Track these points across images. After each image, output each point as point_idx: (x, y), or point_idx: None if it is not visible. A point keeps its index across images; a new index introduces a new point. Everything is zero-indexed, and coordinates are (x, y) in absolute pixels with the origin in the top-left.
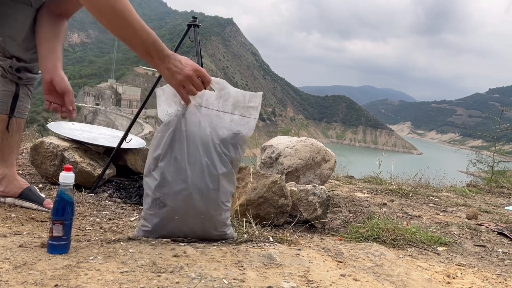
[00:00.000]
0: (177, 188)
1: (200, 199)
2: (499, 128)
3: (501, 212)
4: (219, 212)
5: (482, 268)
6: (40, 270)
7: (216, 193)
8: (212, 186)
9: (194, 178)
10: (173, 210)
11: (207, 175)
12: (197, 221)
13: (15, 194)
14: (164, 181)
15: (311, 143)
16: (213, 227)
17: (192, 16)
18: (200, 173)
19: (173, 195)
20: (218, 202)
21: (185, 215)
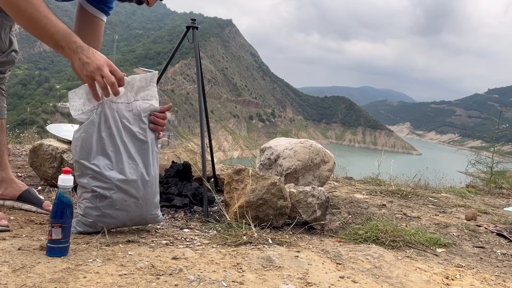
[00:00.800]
0: (116, 181)
1: (139, 187)
2: (498, 129)
3: (500, 213)
4: (154, 195)
5: (481, 269)
6: (39, 273)
7: (152, 179)
8: (148, 175)
9: (129, 169)
10: (113, 201)
11: (141, 165)
12: (135, 207)
13: (14, 197)
14: (101, 176)
15: (310, 144)
16: (148, 211)
17: (191, 18)
18: (134, 164)
19: (114, 187)
20: (154, 186)
21: (124, 204)
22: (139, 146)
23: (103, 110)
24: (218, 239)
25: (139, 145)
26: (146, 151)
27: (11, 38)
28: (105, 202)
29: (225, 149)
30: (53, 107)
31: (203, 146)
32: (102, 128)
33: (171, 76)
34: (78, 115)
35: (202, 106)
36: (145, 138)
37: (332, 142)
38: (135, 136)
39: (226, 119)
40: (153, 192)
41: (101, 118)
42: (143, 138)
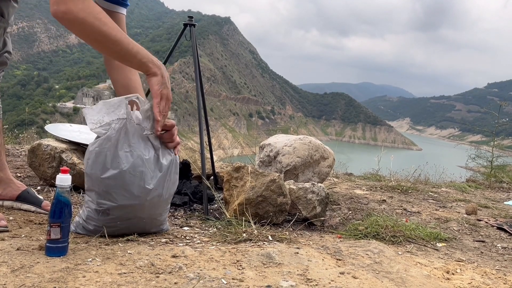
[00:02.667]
0: (123, 202)
1: (146, 208)
2: (498, 123)
3: (501, 207)
4: (160, 215)
5: (481, 263)
6: (38, 273)
7: (164, 201)
8: (160, 197)
9: (140, 192)
10: (116, 219)
11: (154, 187)
12: (139, 224)
13: (13, 197)
14: (108, 195)
15: (310, 141)
16: (152, 226)
17: (188, 15)
18: (146, 186)
19: (119, 208)
20: (163, 208)
21: (128, 222)
22: (157, 168)
23: (124, 127)
24: (218, 236)
25: (157, 167)
26: (164, 175)
27: (6, 39)
28: (108, 218)
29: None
30: (53, 107)
31: (202, 144)
32: (120, 145)
33: (170, 74)
34: (96, 128)
35: (200, 103)
36: (163, 161)
37: (332, 138)
38: (156, 159)
39: (225, 117)
40: (162, 211)
41: (120, 135)
42: (162, 161)
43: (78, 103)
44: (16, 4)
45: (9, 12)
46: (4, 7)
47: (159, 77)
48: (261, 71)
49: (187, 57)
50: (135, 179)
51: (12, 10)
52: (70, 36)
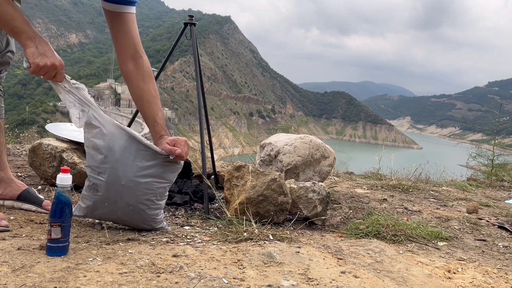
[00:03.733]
0: (109, 179)
1: (129, 192)
2: (498, 122)
3: (502, 205)
4: (148, 207)
5: (483, 262)
6: (38, 272)
7: (144, 188)
8: (139, 181)
9: (124, 173)
10: (104, 198)
11: (135, 170)
12: (125, 211)
13: (14, 196)
14: (99, 170)
15: (310, 140)
16: (140, 220)
17: (189, 14)
18: (129, 167)
19: (105, 185)
20: (147, 198)
21: (115, 204)
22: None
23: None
24: (219, 236)
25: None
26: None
27: (8, 39)
28: (97, 196)
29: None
30: (53, 107)
31: (202, 143)
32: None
33: (170, 74)
34: (80, 124)
35: (201, 103)
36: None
37: (333, 137)
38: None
39: (226, 116)
40: (147, 203)
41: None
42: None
43: None
44: (19, 4)
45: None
46: None
47: (32, 48)
48: (262, 70)
49: (187, 56)
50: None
51: None
52: (71, 36)
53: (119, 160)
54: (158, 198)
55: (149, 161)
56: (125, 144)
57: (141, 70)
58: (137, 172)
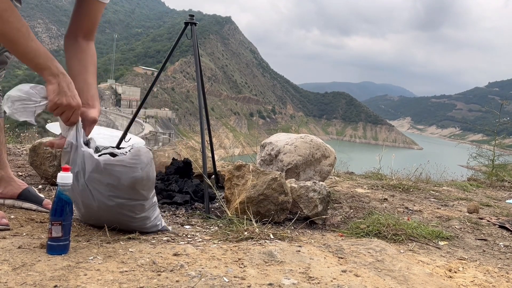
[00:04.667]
0: (84, 200)
1: (106, 212)
2: (499, 122)
3: (502, 205)
4: (130, 221)
5: (483, 261)
6: (39, 271)
7: (119, 208)
8: (110, 204)
9: (95, 195)
10: (88, 214)
11: (104, 192)
12: (114, 221)
13: (14, 195)
14: (74, 190)
15: (311, 139)
16: (129, 221)
17: (189, 14)
18: (98, 189)
19: (83, 204)
20: (126, 214)
21: (99, 220)
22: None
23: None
24: (220, 235)
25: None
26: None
27: None
28: (82, 211)
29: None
30: None
31: (203, 142)
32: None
33: (171, 74)
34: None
35: (201, 103)
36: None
37: (333, 137)
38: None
39: (226, 116)
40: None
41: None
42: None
43: None
44: (19, 4)
45: None
46: None
47: (54, 85)
48: (262, 70)
49: (188, 56)
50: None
51: None
52: None
53: (88, 181)
54: (138, 212)
55: (115, 187)
56: (93, 166)
57: (90, 51)
58: (107, 193)
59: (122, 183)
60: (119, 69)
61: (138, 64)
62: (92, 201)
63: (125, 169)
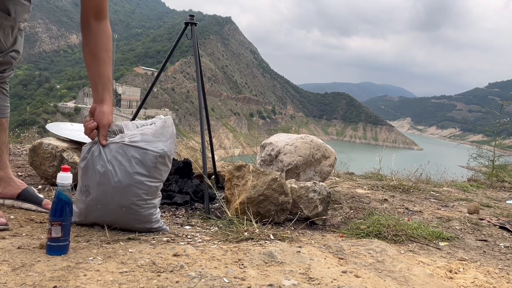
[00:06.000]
0: (100, 180)
1: (120, 193)
2: (499, 123)
3: (503, 206)
4: (141, 207)
5: (484, 262)
6: (38, 271)
7: (136, 188)
8: (130, 181)
9: (114, 173)
10: (96, 200)
11: (126, 170)
12: (118, 212)
13: (13, 195)
14: (88, 169)
15: (311, 140)
16: (135, 220)
17: (189, 14)
18: (120, 167)
19: (96, 185)
20: (140, 198)
21: (107, 206)
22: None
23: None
24: (220, 235)
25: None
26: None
27: (17, 37)
28: (89, 199)
29: (226, 147)
30: (54, 107)
31: (203, 143)
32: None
33: (171, 74)
34: None
35: (201, 103)
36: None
37: (333, 138)
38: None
39: (226, 116)
40: (139, 203)
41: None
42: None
43: (80, 103)
44: (29, 3)
45: (16, 10)
46: (10, 5)
47: (106, 108)
48: (262, 71)
49: (188, 57)
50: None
51: (21, 8)
52: (72, 36)
53: (110, 161)
54: (151, 198)
55: (140, 161)
56: (115, 147)
57: (103, 30)
58: (128, 171)
59: (147, 158)
60: (119, 70)
61: (138, 64)
62: (112, 178)
63: (149, 145)
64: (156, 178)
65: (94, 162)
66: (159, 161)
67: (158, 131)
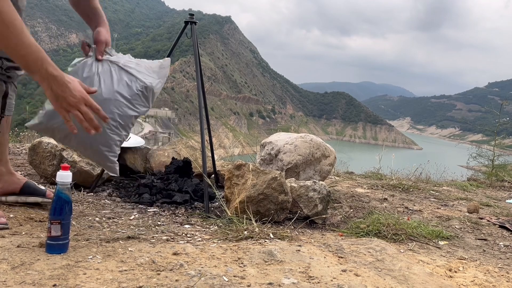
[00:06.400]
0: None
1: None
2: (498, 122)
3: (502, 205)
4: (110, 129)
5: (484, 261)
6: (38, 270)
7: (112, 105)
8: (110, 96)
9: (96, 83)
10: None
11: (107, 86)
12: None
13: (15, 190)
14: (74, 74)
15: (311, 139)
16: (96, 140)
17: (189, 13)
18: (103, 83)
19: None
20: (111, 115)
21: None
22: None
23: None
24: (219, 234)
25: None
26: None
27: None
28: None
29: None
30: None
31: (203, 142)
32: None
33: (170, 74)
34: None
35: (201, 102)
36: None
37: (333, 137)
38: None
39: (226, 116)
40: (110, 126)
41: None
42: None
43: None
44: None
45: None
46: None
47: (48, 91)
48: (262, 70)
49: (187, 56)
50: None
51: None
52: (71, 36)
53: (100, 73)
54: (122, 123)
55: (126, 85)
56: (108, 66)
57: None
58: (111, 88)
59: (134, 84)
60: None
61: None
62: (93, 86)
63: (140, 74)
64: (134, 107)
65: (82, 69)
66: (143, 92)
67: (154, 68)
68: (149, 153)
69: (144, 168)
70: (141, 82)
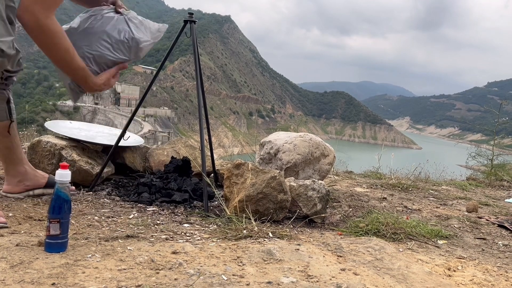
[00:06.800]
0: (84, 17)
1: (83, 34)
2: (498, 122)
3: (501, 204)
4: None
5: (482, 260)
6: (37, 268)
7: (94, 40)
8: (97, 33)
9: (93, 21)
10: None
11: (100, 26)
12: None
13: (41, 185)
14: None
15: (310, 138)
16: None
17: (188, 12)
18: (101, 23)
19: (78, 18)
20: (89, 49)
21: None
22: None
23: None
24: (218, 233)
25: None
26: None
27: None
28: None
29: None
30: (53, 106)
31: (202, 141)
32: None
33: (170, 73)
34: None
35: (201, 102)
36: None
37: (332, 137)
38: None
39: (226, 115)
40: None
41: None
42: None
43: (79, 102)
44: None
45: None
46: (12, 14)
47: (87, 87)
48: (261, 69)
49: (187, 55)
50: None
51: None
52: None
53: (103, 15)
54: (97, 60)
55: (118, 31)
56: (117, 17)
57: None
58: (103, 28)
59: (124, 33)
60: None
61: (137, 63)
62: (90, 22)
63: (135, 30)
64: (114, 51)
65: (96, 11)
66: (129, 41)
67: (152, 29)
68: (148, 152)
69: (143, 167)
70: (131, 34)
